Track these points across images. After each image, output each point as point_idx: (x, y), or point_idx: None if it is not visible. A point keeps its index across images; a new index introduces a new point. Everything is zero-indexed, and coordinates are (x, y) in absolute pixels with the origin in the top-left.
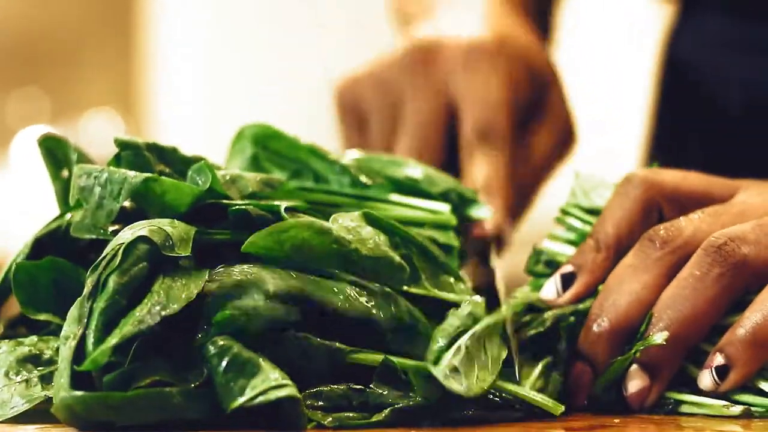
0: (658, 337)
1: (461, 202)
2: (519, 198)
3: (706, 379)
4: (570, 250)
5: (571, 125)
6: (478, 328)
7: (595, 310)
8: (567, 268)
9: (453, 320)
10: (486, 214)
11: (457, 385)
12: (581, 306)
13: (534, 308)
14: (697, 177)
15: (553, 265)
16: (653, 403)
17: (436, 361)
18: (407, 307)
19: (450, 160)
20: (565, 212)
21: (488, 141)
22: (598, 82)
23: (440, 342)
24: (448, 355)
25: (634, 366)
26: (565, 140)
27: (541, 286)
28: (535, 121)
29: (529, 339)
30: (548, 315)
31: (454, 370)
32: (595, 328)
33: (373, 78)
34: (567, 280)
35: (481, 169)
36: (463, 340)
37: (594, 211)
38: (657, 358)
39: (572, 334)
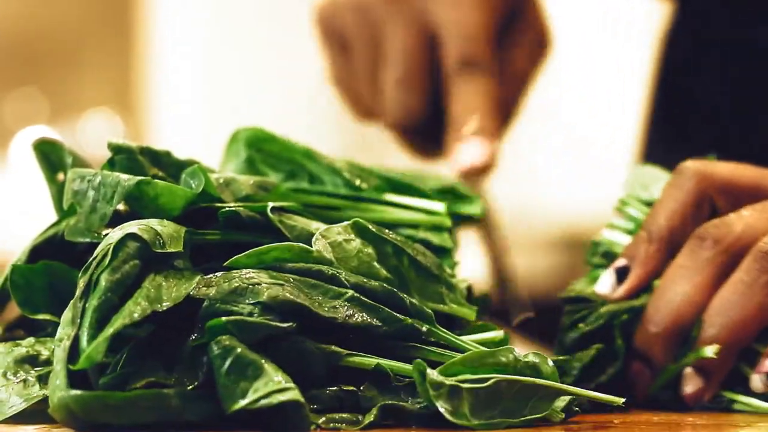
0: (709, 350)
1: (454, 199)
2: (501, 113)
3: (757, 382)
4: (628, 240)
5: (546, 33)
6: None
7: (650, 311)
8: (620, 262)
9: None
10: (478, 209)
11: (445, 407)
12: (636, 303)
13: (590, 301)
14: (751, 169)
15: (610, 256)
16: (708, 401)
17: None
18: (407, 311)
19: (435, 86)
20: (624, 203)
21: (471, 69)
22: (591, 82)
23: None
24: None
25: (689, 369)
26: (540, 48)
27: (596, 277)
28: (512, 35)
29: (583, 335)
30: (603, 311)
31: (454, 392)
32: (650, 328)
33: (352, 2)
34: (621, 274)
35: (466, 101)
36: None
37: (652, 204)
38: (710, 363)
39: (626, 332)
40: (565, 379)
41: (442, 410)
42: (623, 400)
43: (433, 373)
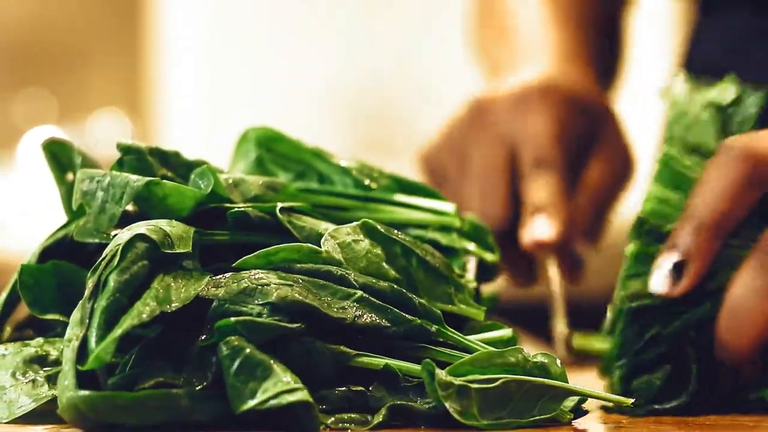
0: None
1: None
2: (587, 224)
3: None
4: (676, 200)
5: (628, 156)
6: (523, 378)
7: (727, 337)
8: (672, 257)
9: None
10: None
11: (454, 407)
12: (701, 312)
13: (655, 310)
14: None
15: (655, 234)
16: None
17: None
18: (416, 311)
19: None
20: (668, 156)
21: (541, 168)
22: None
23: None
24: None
25: None
26: (623, 170)
27: (643, 254)
28: (591, 153)
29: (657, 356)
30: (676, 324)
31: (463, 391)
32: (732, 353)
33: (446, 141)
34: (675, 270)
35: (537, 192)
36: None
37: (699, 151)
38: None
39: (697, 346)
40: (646, 395)
41: (450, 410)
42: (632, 400)
43: (441, 374)
